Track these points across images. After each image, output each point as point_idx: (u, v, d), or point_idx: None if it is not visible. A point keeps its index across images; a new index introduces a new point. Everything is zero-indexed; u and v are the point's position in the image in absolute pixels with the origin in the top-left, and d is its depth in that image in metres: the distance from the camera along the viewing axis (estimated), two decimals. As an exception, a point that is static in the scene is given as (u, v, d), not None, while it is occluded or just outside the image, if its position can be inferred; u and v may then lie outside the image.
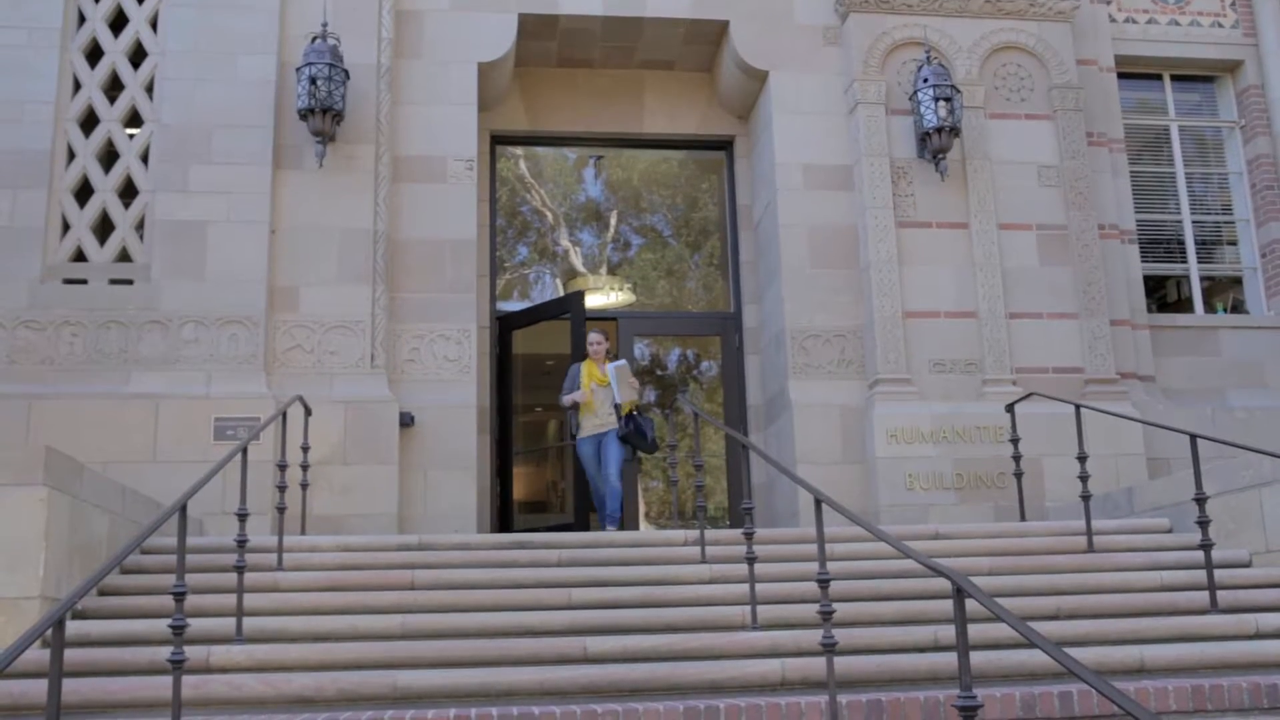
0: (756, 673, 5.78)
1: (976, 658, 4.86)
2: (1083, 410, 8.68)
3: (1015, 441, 9.16)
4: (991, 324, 10.55)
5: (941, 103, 10.50)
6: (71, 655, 5.05)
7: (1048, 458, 10.05)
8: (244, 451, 6.45)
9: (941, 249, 10.70)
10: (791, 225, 10.78)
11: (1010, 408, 9.33)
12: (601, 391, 9.96)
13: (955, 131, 10.59)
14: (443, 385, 9.99)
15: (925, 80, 10.64)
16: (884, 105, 10.92)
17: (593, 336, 10.23)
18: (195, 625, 5.77)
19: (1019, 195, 10.91)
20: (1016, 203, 10.88)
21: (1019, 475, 9.25)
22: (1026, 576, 7.42)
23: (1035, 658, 5.91)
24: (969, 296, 10.62)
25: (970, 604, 4.01)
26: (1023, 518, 9.36)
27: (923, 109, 10.62)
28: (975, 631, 5.17)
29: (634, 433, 9.82)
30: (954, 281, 10.65)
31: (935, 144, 10.61)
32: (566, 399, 10.06)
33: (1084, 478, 8.23)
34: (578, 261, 12.48)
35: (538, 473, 12.97)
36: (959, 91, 10.65)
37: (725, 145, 12.15)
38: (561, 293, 12.39)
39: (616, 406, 9.83)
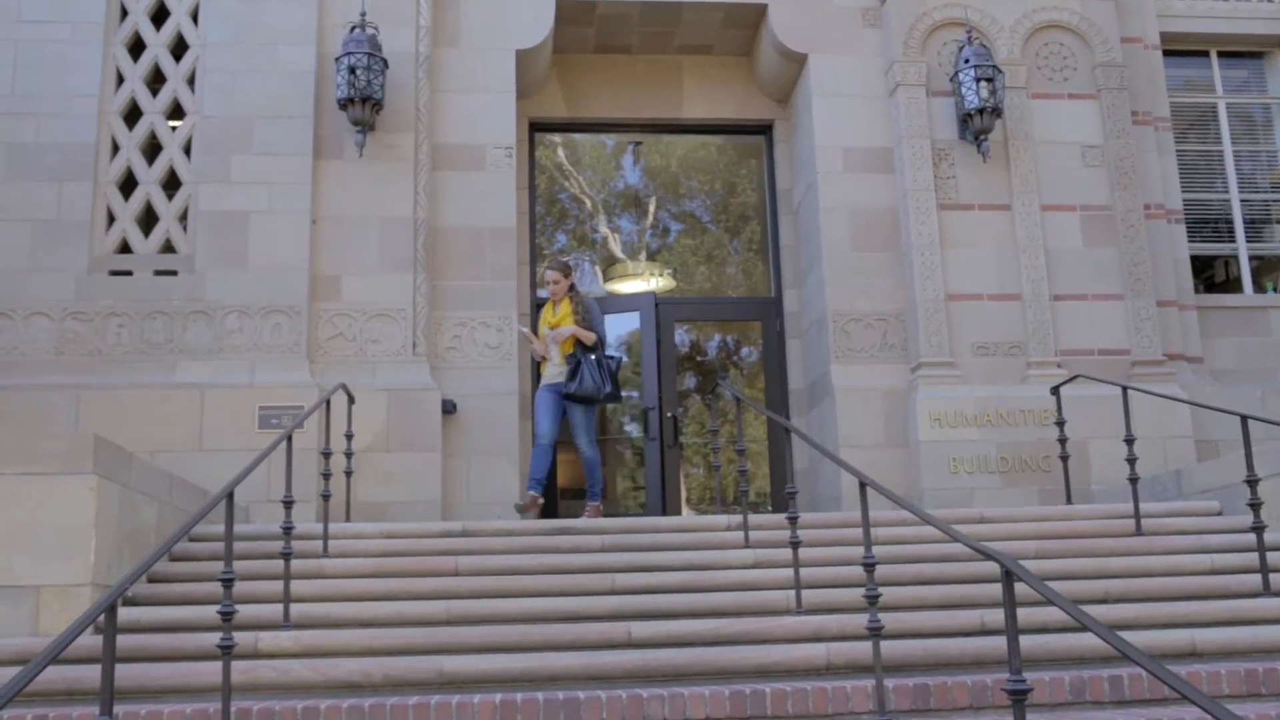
0: (802, 657, 5.76)
1: (1024, 642, 4.82)
2: (1130, 392, 8.57)
3: (1061, 424, 9.06)
4: (1035, 306, 10.44)
5: (983, 83, 10.39)
6: (122, 641, 5.10)
7: (1094, 440, 9.94)
8: (289, 439, 6.49)
9: (984, 231, 10.60)
10: (832, 209, 10.72)
11: (1055, 390, 9.24)
12: (553, 334, 9.21)
13: (997, 112, 10.48)
14: (484, 373, 10.02)
15: (966, 61, 10.52)
16: (924, 87, 10.82)
17: (550, 274, 9.26)
18: (243, 611, 5.81)
19: (1063, 176, 10.78)
20: (1060, 183, 10.76)
21: (1065, 458, 9.16)
22: (1074, 560, 7.35)
23: (1084, 641, 5.86)
24: (1012, 279, 10.51)
25: (1018, 588, 3.97)
26: (1069, 501, 9.28)
27: (964, 90, 10.51)
28: (1022, 615, 5.12)
29: (585, 384, 8.93)
30: (997, 264, 10.54)
31: (977, 125, 10.50)
32: (537, 348, 9.35)
33: (1131, 460, 8.13)
34: (617, 248, 12.47)
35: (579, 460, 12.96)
36: (1001, 72, 10.53)
37: (764, 129, 12.09)
38: (601, 280, 12.38)
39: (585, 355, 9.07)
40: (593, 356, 8.82)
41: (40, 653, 3.36)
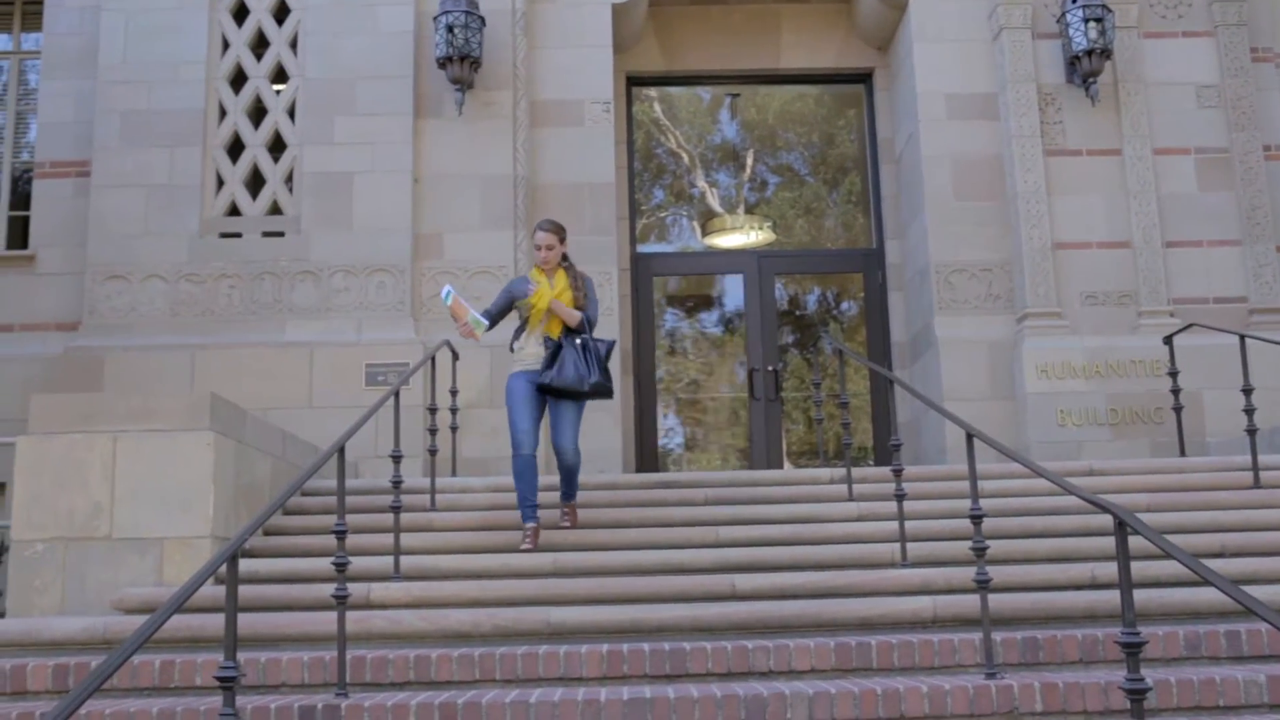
0: (907, 609, 5.72)
1: (1137, 596, 4.71)
2: (1247, 341, 8.31)
3: (1174, 375, 8.82)
4: (1147, 254, 10.15)
5: (1092, 24, 10.06)
6: (241, 591, 5.26)
7: (1208, 391, 9.67)
8: (396, 396, 6.61)
9: (1092, 177, 10.32)
10: (935, 157, 10.51)
11: (1168, 340, 8.98)
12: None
13: (1107, 53, 10.16)
14: (585, 328, 10.06)
15: (1074, 1, 10.20)
16: (1029, 29, 10.52)
17: (540, 236, 7.19)
18: (355, 563, 5.95)
19: (1176, 118, 10.43)
20: (1173, 126, 10.41)
21: (1178, 410, 8.92)
22: (1187, 513, 7.17)
23: (1199, 596, 5.72)
24: (1122, 226, 10.23)
25: (1129, 541, 3.89)
26: (1182, 453, 9.04)
27: (1071, 31, 10.20)
28: (1135, 569, 5.00)
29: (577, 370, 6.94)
30: (1106, 210, 10.27)
31: (1085, 67, 10.19)
32: (461, 329, 7.09)
33: (1249, 411, 7.89)
34: (714, 202, 12.40)
35: (679, 416, 13.00)
36: (1110, 11, 10.18)
37: (864, 78, 11.89)
38: (699, 235, 12.33)
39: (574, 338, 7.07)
40: (578, 340, 7.00)
41: (165, 602, 3.49)
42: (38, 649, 5.67)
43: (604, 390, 7.01)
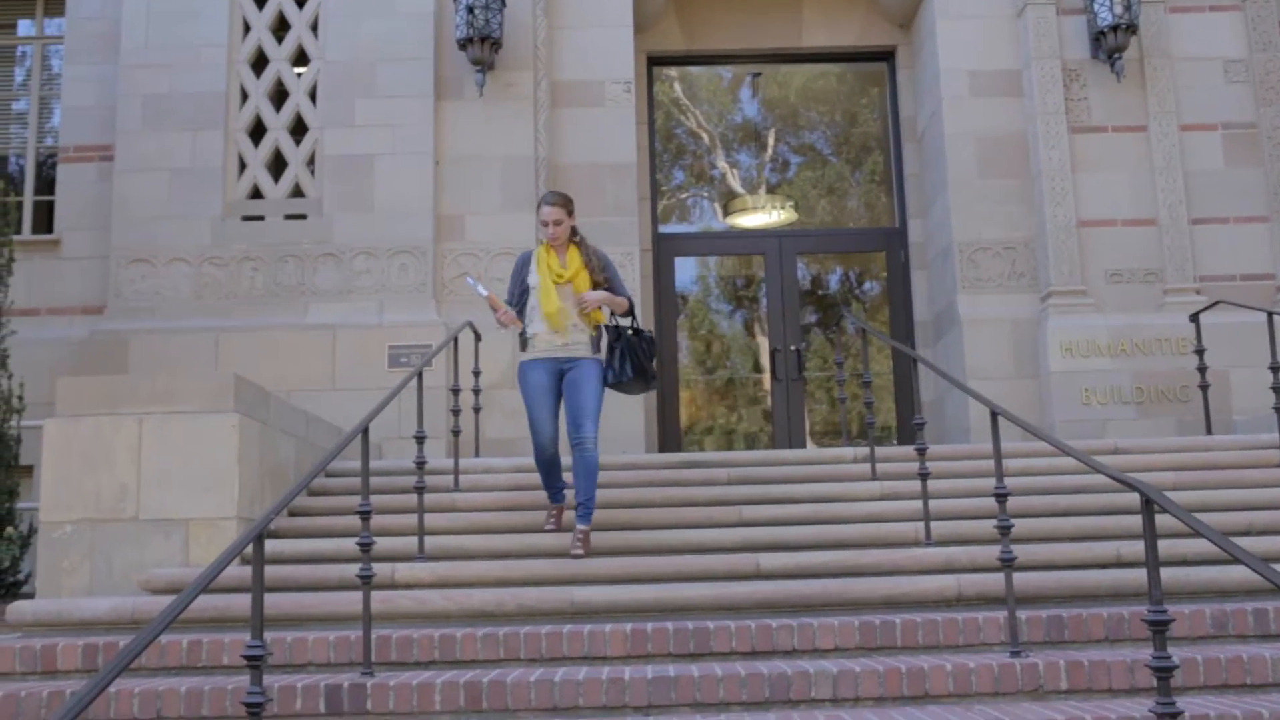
0: (932, 588, 5.71)
1: (1162, 574, 4.66)
2: (1275, 318, 8.24)
3: (1200, 352, 8.76)
4: (1173, 231, 10.07)
5: (1117, -1, 9.97)
6: (266, 571, 5.30)
7: (1235, 369, 9.60)
8: (419, 377, 6.63)
9: (1118, 154, 10.24)
10: (958, 135, 10.44)
11: (1195, 317, 8.92)
12: (562, 291, 6.51)
13: (1132, 29, 10.05)
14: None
15: (1099, -25, 10.11)
16: (1054, 4, 10.43)
17: (546, 210, 6.55)
18: (380, 544, 5.97)
19: (1203, 94, 10.33)
20: (1200, 101, 10.31)
21: (1204, 388, 8.86)
22: (1214, 491, 7.13)
23: (1227, 574, 5.69)
24: (1148, 203, 10.15)
25: (1157, 520, 3.87)
26: (1209, 432, 8.99)
27: (1096, 6, 10.10)
28: (1161, 548, 4.96)
29: (628, 362, 6.53)
30: (1131, 187, 10.19)
31: (1110, 43, 10.10)
32: (502, 317, 6.48)
33: (1276, 389, 7.85)
34: (735, 183, 12.35)
35: (702, 397, 12.99)
36: (1136, -15, 10.08)
37: (887, 56, 11.81)
38: (720, 215, 12.29)
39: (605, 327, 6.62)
40: (630, 329, 6.55)
41: (191, 582, 3.51)
42: (67, 628, 5.73)
43: (652, 382, 6.66)
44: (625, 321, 6.67)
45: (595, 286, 6.50)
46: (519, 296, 6.61)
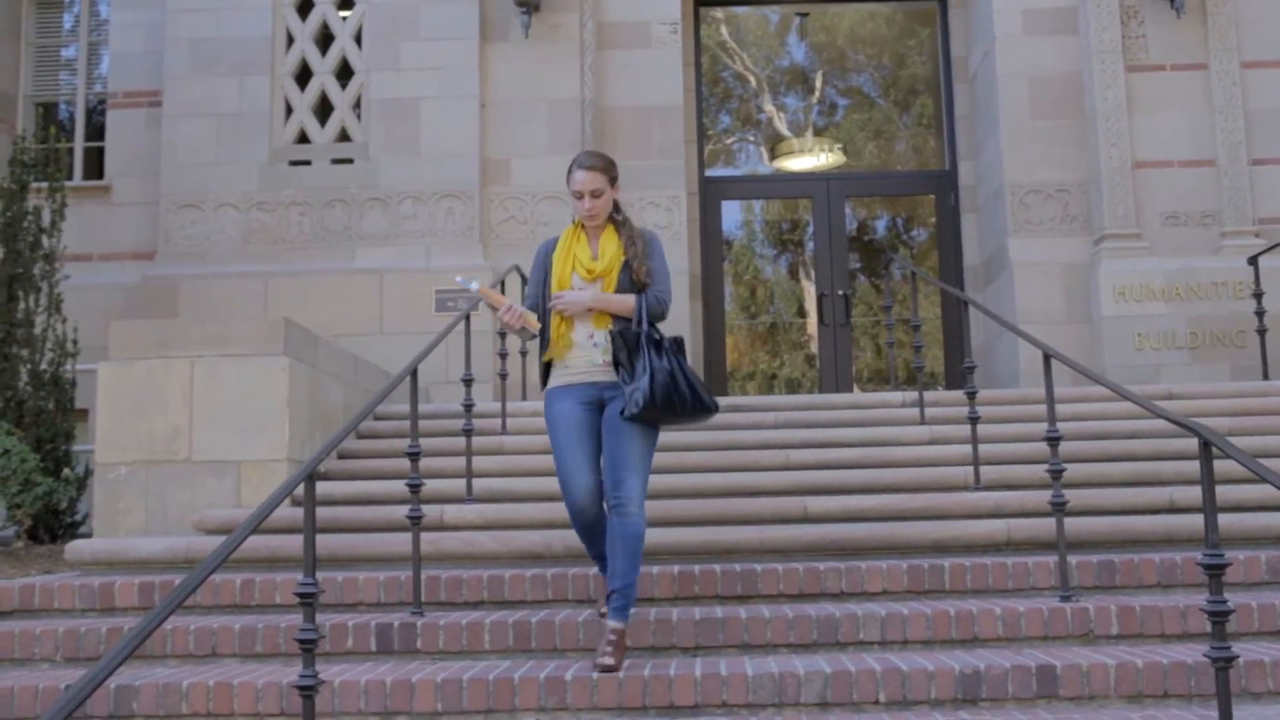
0: (980, 533, 5.67)
1: (1218, 520, 4.61)
2: (1336, 261, 8.06)
3: (1259, 296, 8.60)
4: (1231, 172, 9.85)
5: (1178, -68, 9.70)
6: (316, 513, 5.36)
7: (1294, 313, 9.42)
8: (466, 320, 6.63)
9: (1175, 93, 10.00)
10: (1010, 75, 10.23)
11: (1253, 260, 8.75)
12: (591, 291, 4.71)
13: (1193, -38, 9.79)
14: (653, 253, 10.00)
15: (1159, -92, 9.83)
16: (1112, -61, 10.16)
17: (580, 177, 4.78)
18: (428, 486, 6.00)
19: (1267, 29, 10.04)
20: (1263, 37, 10.03)
21: (1262, 332, 8.71)
22: (1271, 437, 7.00)
23: (1283, 520, 5.61)
24: (1206, 143, 9.92)
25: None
26: (1265, 377, 8.84)
27: (1156, -60, 9.84)
28: (1217, 493, 4.90)
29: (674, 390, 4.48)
30: (1189, 128, 9.96)
31: (1170, -22, 9.84)
32: (505, 315, 4.74)
33: (1337, 333, 7.68)
34: (782, 126, 12.21)
35: (745, 342, 12.95)
36: (1197, -82, 9.80)
37: (938, -5, 11.59)
38: (767, 159, 12.17)
39: (637, 332, 4.56)
40: (664, 341, 4.59)
41: (242, 522, 3.54)
42: (124, 567, 5.83)
43: (709, 408, 4.64)
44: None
45: (637, 282, 4.63)
46: (543, 300, 4.84)
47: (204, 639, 4.81)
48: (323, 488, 6.44)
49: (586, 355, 4.68)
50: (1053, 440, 5.12)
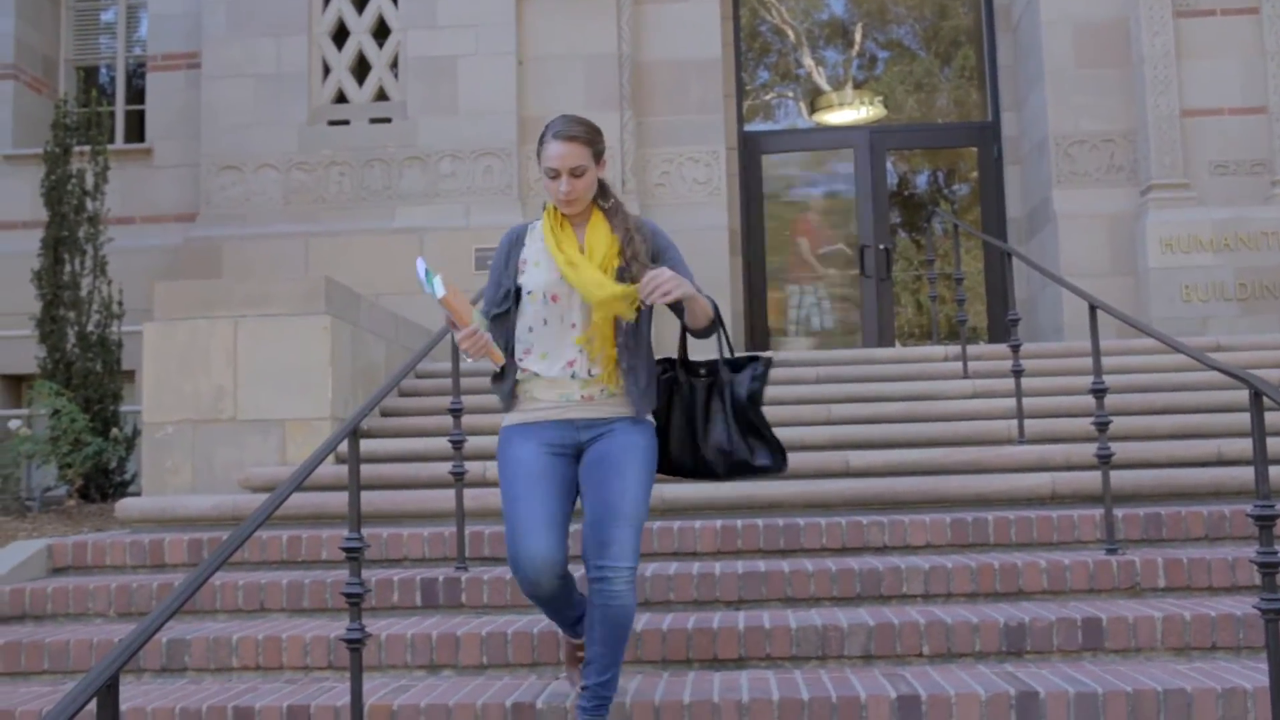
0: (1025, 486, 5.63)
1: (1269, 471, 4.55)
2: (1391, 208, 7.89)
3: (1310, 246, 8.44)
4: (1283, 119, 9.64)
5: (1228, -128, 9.45)
6: (360, 470, 5.40)
7: (1347, 264, 9.25)
8: (506, 277, 6.61)
9: (1226, 39, 9.77)
10: (1055, 22, 10.04)
11: (1305, 209, 8.58)
12: (573, 299, 3.50)
13: (1244, -97, 9.54)
14: (693, 208, 9.98)
15: None
16: (1160, -120, 9.91)
17: (554, 149, 3.47)
18: (470, 442, 6.03)
19: (1322, -30, 9.79)
20: (1317, -20, 9.78)
21: (1313, 282, 8.56)
22: (1322, 389, 6.89)
23: (1334, 472, 5.52)
24: (1258, 90, 9.70)
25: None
26: (1316, 328, 8.69)
27: (1206, -119, 9.59)
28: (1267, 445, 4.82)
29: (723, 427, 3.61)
30: (1240, 74, 9.74)
31: (1220, -80, 9.60)
32: (464, 343, 3.41)
33: (1391, 282, 7.53)
34: (821, 81, 12.07)
35: (790, 294, 12.89)
36: None
37: (980, -58, 11.38)
38: (806, 114, 12.04)
39: (689, 331, 3.72)
40: (723, 357, 3.75)
41: (286, 479, 3.57)
42: (172, 524, 5.92)
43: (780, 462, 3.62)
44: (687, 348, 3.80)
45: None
46: (502, 304, 3.66)
47: (252, 594, 4.87)
48: (366, 445, 6.47)
49: (560, 389, 3.50)
50: (1098, 392, 5.06)
